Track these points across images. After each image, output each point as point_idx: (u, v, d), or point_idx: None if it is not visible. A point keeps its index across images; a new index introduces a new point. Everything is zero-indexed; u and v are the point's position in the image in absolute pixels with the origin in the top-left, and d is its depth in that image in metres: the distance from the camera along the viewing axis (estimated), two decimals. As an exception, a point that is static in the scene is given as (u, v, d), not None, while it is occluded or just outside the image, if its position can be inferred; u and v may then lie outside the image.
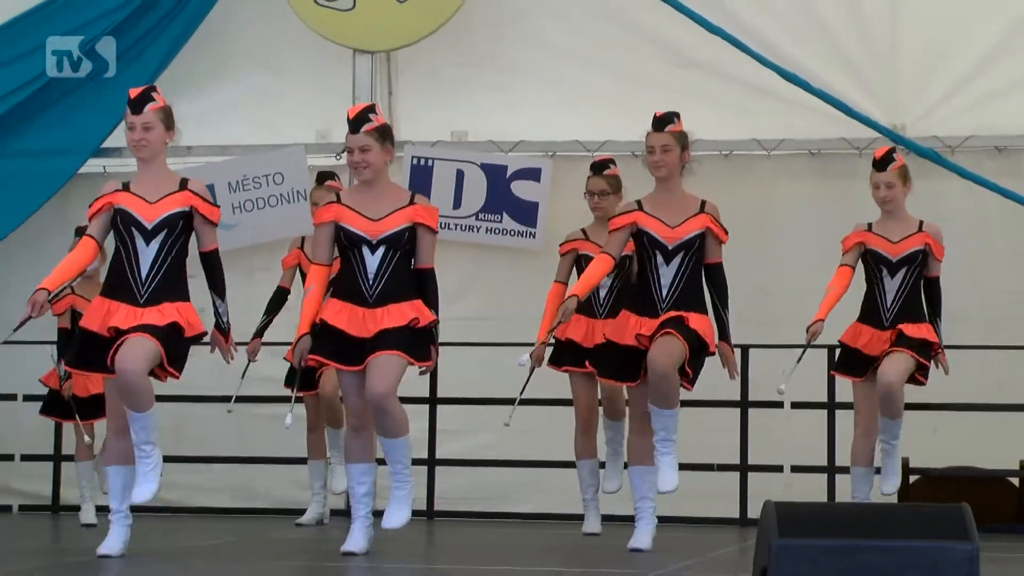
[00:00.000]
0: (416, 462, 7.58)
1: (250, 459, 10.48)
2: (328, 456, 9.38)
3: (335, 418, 9.13)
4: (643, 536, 7.43)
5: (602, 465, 8.75)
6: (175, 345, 6.87)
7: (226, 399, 9.46)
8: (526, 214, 10.65)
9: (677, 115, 7.60)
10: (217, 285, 7.02)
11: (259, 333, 9.32)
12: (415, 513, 7.31)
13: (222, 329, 7.04)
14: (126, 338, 6.75)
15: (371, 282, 6.99)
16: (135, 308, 6.86)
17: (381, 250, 6.99)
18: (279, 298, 9.37)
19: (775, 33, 10.39)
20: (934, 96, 10.32)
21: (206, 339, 7.08)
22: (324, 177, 9.32)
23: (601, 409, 8.69)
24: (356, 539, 7.01)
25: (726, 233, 7.51)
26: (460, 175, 10.63)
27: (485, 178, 10.71)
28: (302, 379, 8.05)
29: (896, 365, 7.82)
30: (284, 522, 9.51)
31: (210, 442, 10.43)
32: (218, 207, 7.18)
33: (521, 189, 10.70)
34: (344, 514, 8.59)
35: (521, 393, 8.24)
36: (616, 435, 8.62)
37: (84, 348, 6.97)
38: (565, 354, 8.59)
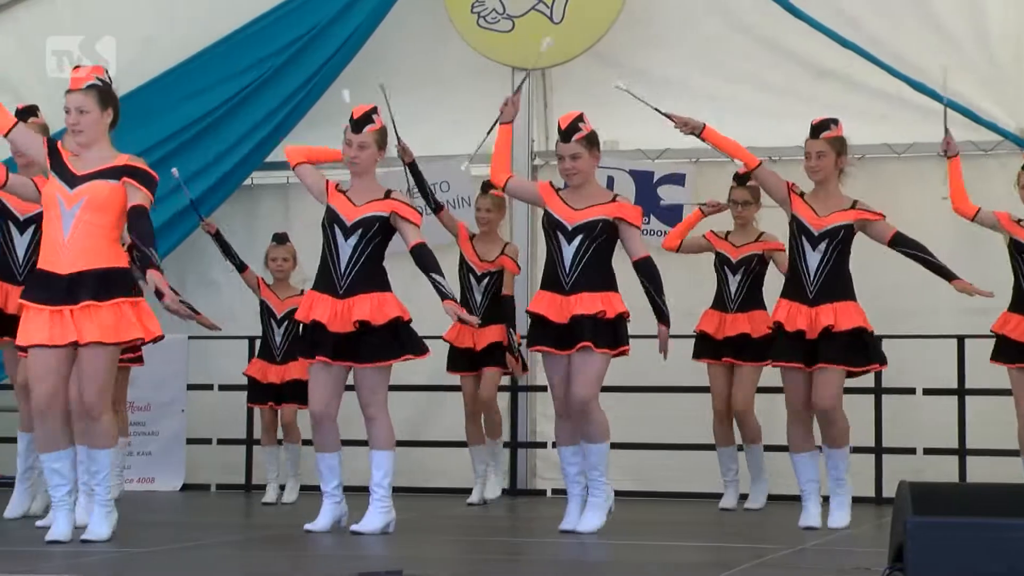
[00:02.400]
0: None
1: (421, 443, 10.54)
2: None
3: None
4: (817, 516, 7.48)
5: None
6: (405, 334, 6.99)
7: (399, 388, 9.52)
8: (672, 216, 10.61)
9: (834, 121, 7.56)
10: (430, 267, 7.03)
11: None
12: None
13: (447, 294, 7.03)
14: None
15: (568, 270, 7.05)
16: (335, 300, 6.96)
17: (578, 238, 7.03)
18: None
19: (902, 44, 10.26)
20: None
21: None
22: (488, 186, 9.42)
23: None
24: (575, 518, 7.03)
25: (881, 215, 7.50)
26: (611, 181, 10.64)
27: (633, 183, 10.71)
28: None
29: None
30: (455, 501, 9.54)
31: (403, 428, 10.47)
32: (420, 212, 7.25)
33: (667, 193, 10.68)
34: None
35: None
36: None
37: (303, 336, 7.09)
38: (702, 347, 8.82)
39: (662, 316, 7.13)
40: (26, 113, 7.83)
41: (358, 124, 7.11)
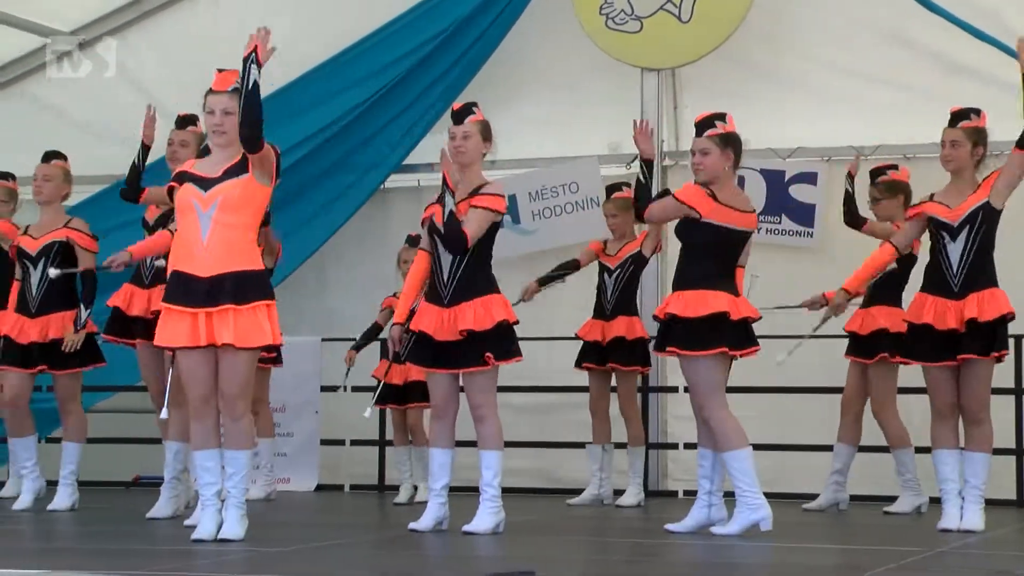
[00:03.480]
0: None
1: (545, 444, 10.55)
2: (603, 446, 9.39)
3: None
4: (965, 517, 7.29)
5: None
6: (508, 336, 6.97)
7: (521, 388, 9.50)
8: (804, 215, 10.49)
9: (975, 111, 7.45)
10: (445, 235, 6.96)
11: (542, 282, 9.49)
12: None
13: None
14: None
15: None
16: (441, 310, 6.95)
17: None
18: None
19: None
20: None
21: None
22: (612, 190, 9.45)
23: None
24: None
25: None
26: (741, 180, 10.50)
27: (764, 183, 10.59)
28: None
29: None
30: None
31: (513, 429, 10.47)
32: (502, 197, 7.11)
33: (799, 192, 10.54)
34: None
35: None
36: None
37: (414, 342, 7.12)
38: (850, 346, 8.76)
39: None
40: (185, 122, 8.06)
41: (459, 115, 7.10)
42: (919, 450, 8.55)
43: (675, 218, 7.12)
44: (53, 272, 8.18)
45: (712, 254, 6.96)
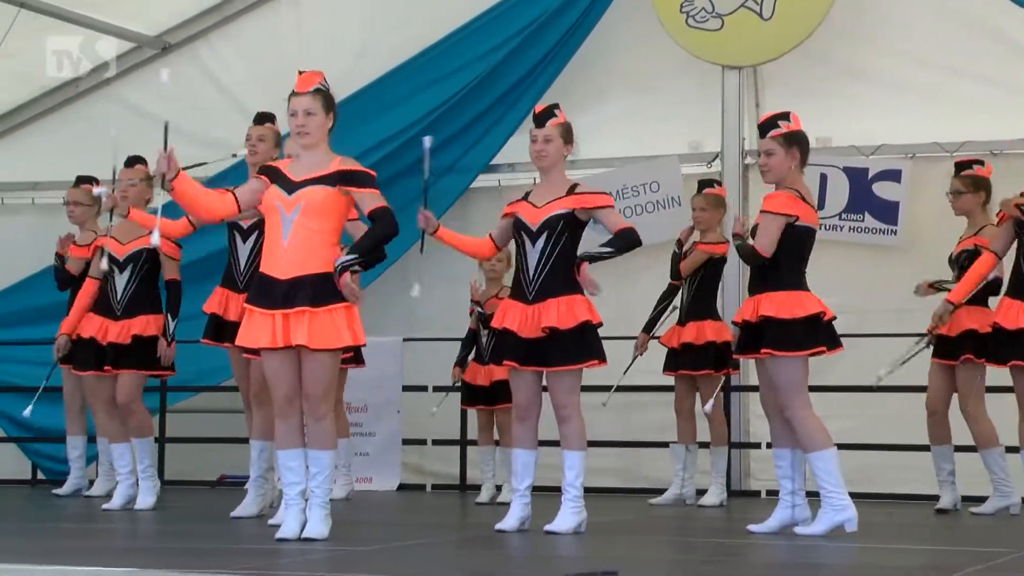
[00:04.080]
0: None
1: (629, 443, 10.52)
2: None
3: None
4: None
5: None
6: (592, 338, 6.94)
7: (607, 388, 9.50)
8: (887, 213, 10.38)
9: None
10: (614, 248, 6.99)
11: (648, 328, 9.42)
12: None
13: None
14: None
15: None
16: (525, 307, 6.94)
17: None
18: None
19: None
20: None
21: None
22: (704, 185, 9.40)
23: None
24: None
25: None
26: (824, 178, 10.45)
27: (847, 180, 10.49)
28: None
29: None
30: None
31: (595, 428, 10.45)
32: (607, 194, 7.14)
33: (882, 190, 10.44)
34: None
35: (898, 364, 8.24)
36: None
37: (497, 343, 7.10)
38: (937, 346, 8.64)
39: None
40: (263, 118, 8.07)
41: (541, 118, 7.08)
42: (1009, 450, 8.45)
43: (778, 234, 6.91)
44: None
45: (799, 255, 6.95)
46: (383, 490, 10.73)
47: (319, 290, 6.34)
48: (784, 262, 6.90)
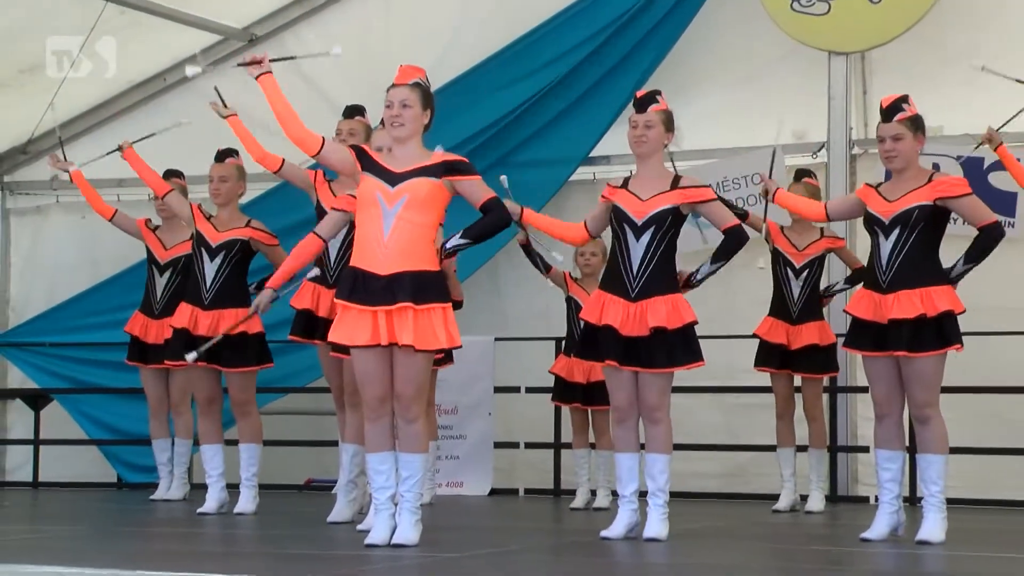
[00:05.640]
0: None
1: (732, 447, 10.45)
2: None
3: None
4: None
5: None
6: (694, 338, 6.92)
7: (710, 389, 9.40)
8: (1004, 204, 10.17)
9: None
10: (726, 255, 7.01)
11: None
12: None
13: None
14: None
15: (884, 267, 6.87)
16: (628, 303, 6.87)
17: (895, 232, 6.85)
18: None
19: None
20: None
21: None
22: (801, 175, 9.24)
23: None
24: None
25: None
26: (937, 168, 10.26)
27: (961, 171, 10.32)
28: None
29: None
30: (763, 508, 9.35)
31: (699, 430, 10.37)
32: (709, 187, 7.09)
33: (998, 180, 10.24)
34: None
35: None
36: None
37: (586, 339, 7.04)
38: None
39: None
40: (353, 111, 8.11)
41: (642, 103, 7.01)
42: None
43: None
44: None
45: (937, 247, 6.96)
46: (475, 495, 10.71)
47: (421, 288, 6.31)
48: (921, 255, 6.85)
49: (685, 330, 6.87)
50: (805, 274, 9.03)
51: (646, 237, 6.87)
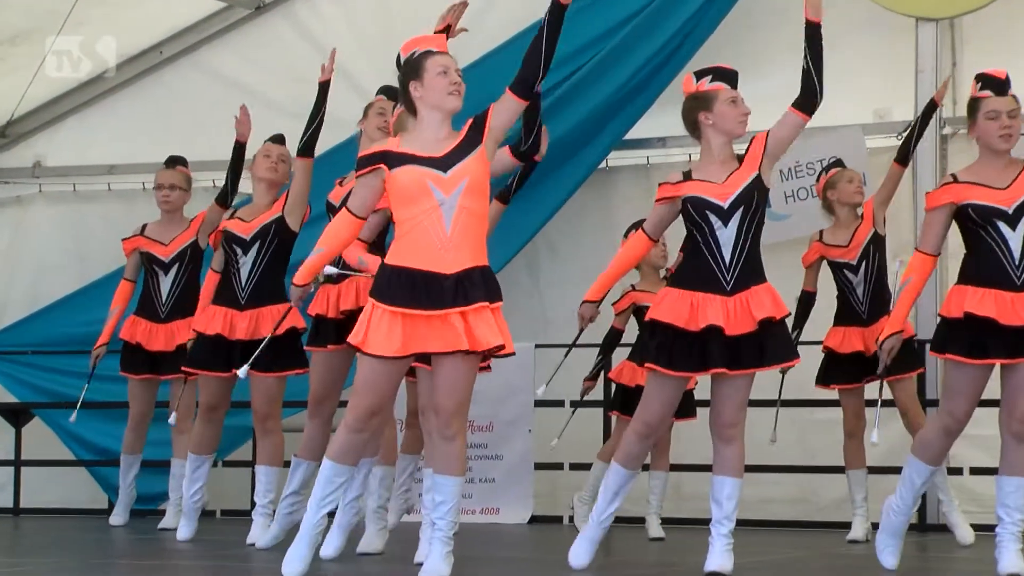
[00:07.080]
0: None
1: (802, 468, 10.14)
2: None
3: None
4: None
5: None
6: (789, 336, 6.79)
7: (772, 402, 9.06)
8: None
9: None
10: None
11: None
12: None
13: None
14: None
15: (1018, 262, 6.61)
16: (726, 299, 6.57)
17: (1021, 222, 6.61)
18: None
19: None
20: None
21: None
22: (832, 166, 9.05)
23: None
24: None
25: None
26: (1029, 153, 9.79)
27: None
28: None
29: None
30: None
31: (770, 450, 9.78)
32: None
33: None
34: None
35: None
36: None
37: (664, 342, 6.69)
38: None
39: None
40: (389, 92, 7.70)
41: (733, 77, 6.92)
42: None
43: None
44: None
45: None
46: (513, 523, 10.37)
47: (489, 285, 6.05)
48: None
49: (783, 324, 6.67)
50: (864, 265, 8.80)
51: (735, 220, 6.61)
